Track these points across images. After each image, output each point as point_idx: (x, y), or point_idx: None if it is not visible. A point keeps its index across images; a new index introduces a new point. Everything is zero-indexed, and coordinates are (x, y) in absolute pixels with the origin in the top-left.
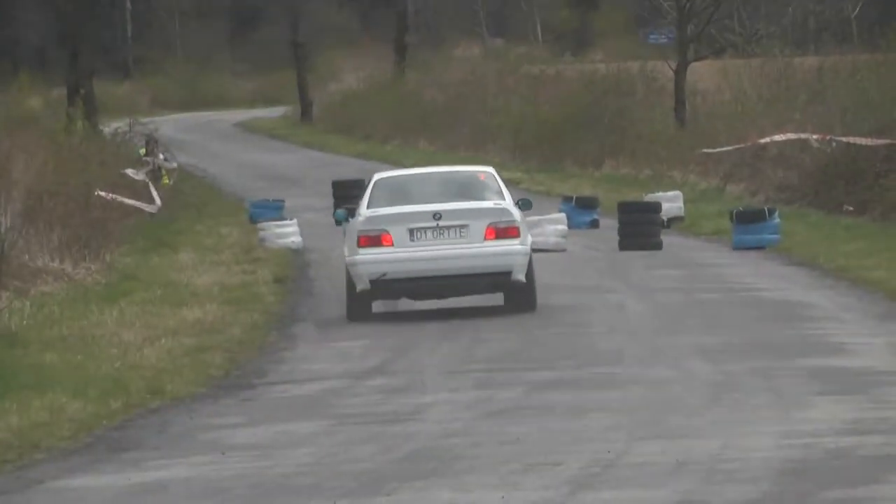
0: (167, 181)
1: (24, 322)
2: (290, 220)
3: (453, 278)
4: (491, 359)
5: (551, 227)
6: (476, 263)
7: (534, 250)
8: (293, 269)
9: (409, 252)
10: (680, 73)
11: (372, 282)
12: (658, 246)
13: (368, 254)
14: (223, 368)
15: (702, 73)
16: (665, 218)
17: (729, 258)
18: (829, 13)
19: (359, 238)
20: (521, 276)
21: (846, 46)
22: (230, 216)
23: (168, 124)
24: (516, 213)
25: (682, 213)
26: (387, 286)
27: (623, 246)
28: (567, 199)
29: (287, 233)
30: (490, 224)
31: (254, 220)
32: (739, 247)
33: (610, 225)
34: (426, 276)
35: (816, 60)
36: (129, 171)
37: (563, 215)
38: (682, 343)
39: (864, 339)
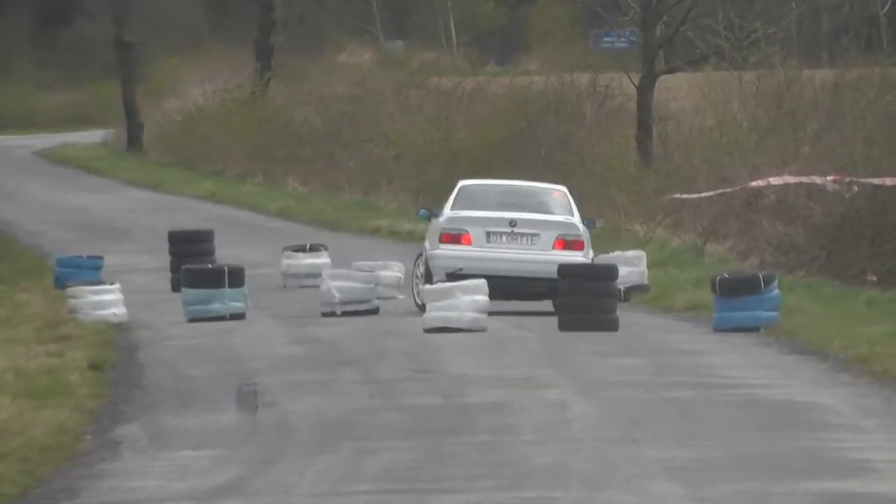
0: None
1: None
2: (111, 284)
3: (520, 280)
4: (383, 477)
5: (467, 299)
6: (543, 269)
7: (445, 329)
8: (115, 351)
9: (484, 252)
10: (645, 89)
11: (448, 274)
12: (612, 325)
13: (448, 249)
14: (19, 485)
15: (675, 89)
16: (622, 287)
17: (709, 343)
18: (850, 10)
19: (441, 235)
20: None
21: (871, 56)
22: (29, 278)
23: None
24: (582, 229)
25: (645, 280)
26: (461, 280)
27: (565, 324)
28: None
29: (106, 301)
30: (559, 236)
31: (61, 283)
32: (724, 327)
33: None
34: (497, 275)
35: (832, 74)
36: None
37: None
38: (644, 457)
39: (892, 454)
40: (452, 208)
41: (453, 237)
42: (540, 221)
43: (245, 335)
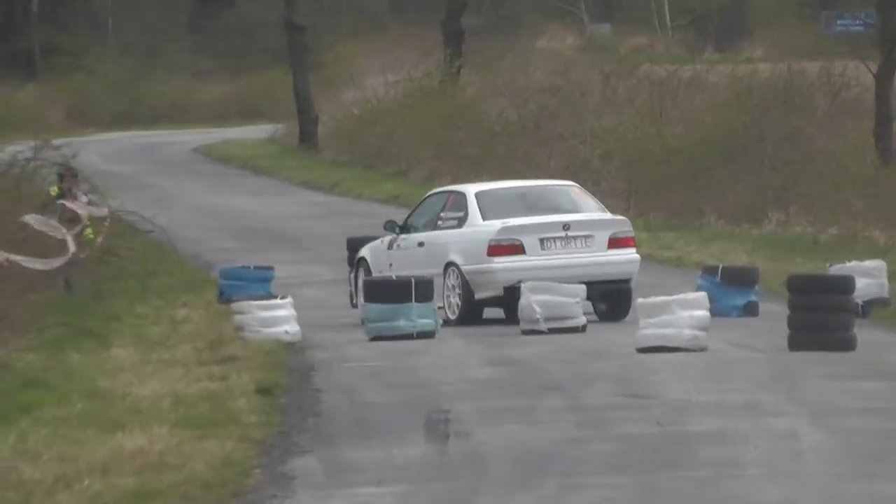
0: (92, 236)
1: None
2: (283, 298)
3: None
4: None
5: (685, 314)
6: (602, 271)
7: (661, 348)
8: (287, 373)
9: (541, 260)
10: (884, 78)
11: (506, 288)
12: (849, 344)
13: (503, 262)
14: None
15: None
16: (860, 301)
17: None
18: None
19: (489, 247)
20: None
21: None
22: (189, 292)
23: (94, 149)
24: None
25: (885, 293)
26: (518, 293)
27: (795, 343)
28: (709, 272)
29: (277, 318)
30: (612, 234)
31: (226, 298)
32: None
33: (775, 311)
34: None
35: None
36: (32, 219)
37: (703, 296)
38: (883, 494)
39: None
40: (485, 218)
41: (506, 248)
42: (592, 221)
43: (434, 356)
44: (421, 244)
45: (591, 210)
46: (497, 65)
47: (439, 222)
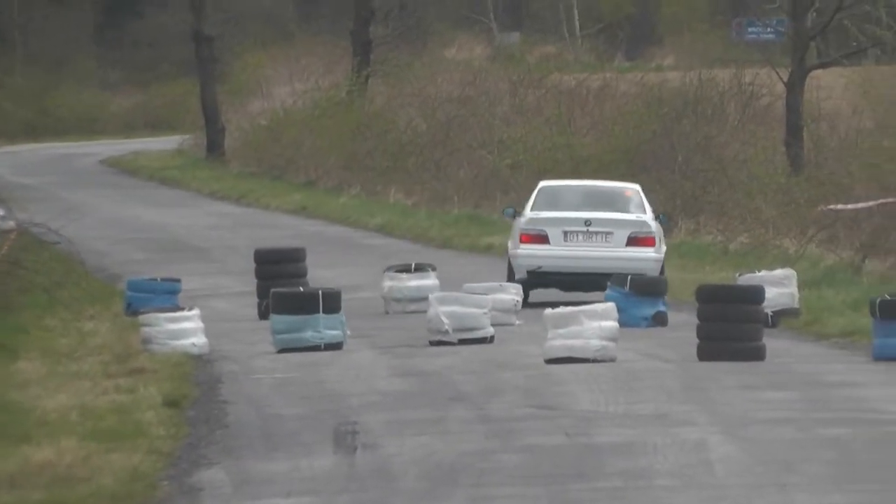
0: None
1: None
2: (190, 310)
3: (596, 275)
4: None
5: (593, 325)
6: (617, 265)
7: (569, 359)
8: (195, 386)
9: (562, 250)
10: (795, 86)
11: (528, 272)
12: (758, 354)
13: (528, 249)
14: None
15: (829, 86)
16: (770, 312)
17: (869, 373)
18: None
19: (521, 235)
20: None
21: None
22: (97, 304)
23: (2, 161)
24: (654, 226)
25: (795, 303)
26: (540, 277)
27: (704, 353)
28: (618, 282)
29: (185, 330)
30: (631, 233)
31: (133, 310)
32: (885, 356)
33: (684, 321)
34: (574, 272)
35: None
36: None
37: (611, 306)
38: None
39: None
40: (533, 209)
41: (532, 237)
42: (613, 220)
43: (342, 367)
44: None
45: (635, 212)
46: (405, 74)
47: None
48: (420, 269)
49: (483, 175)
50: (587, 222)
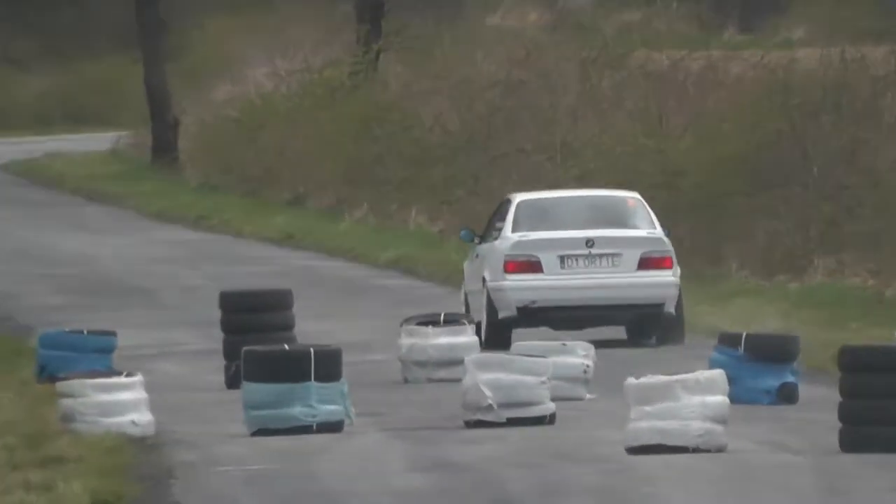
0: None
1: None
2: (129, 375)
3: (603, 309)
4: None
5: (694, 401)
6: (629, 294)
7: (660, 447)
8: (135, 482)
9: (560, 280)
10: None
11: (519, 309)
12: None
13: (517, 280)
14: None
15: None
16: None
17: None
18: None
19: (506, 263)
20: (672, 309)
21: None
22: None
23: None
24: (668, 242)
25: None
26: (534, 314)
27: (849, 442)
28: (729, 342)
29: (122, 403)
30: (643, 253)
31: (49, 374)
32: None
33: (821, 397)
34: (576, 306)
35: None
36: None
37: (719, 374)
38: None
39: None
40: (514, 230)
41: (521, 265)
42: (620, 238)
43: (342, 457)
44: (477, 256)
45: (643, 226)
46: (431, 49)
47: (493, 232)
48: (451, 321)
49: (532, 180)
50: (589, 242)
